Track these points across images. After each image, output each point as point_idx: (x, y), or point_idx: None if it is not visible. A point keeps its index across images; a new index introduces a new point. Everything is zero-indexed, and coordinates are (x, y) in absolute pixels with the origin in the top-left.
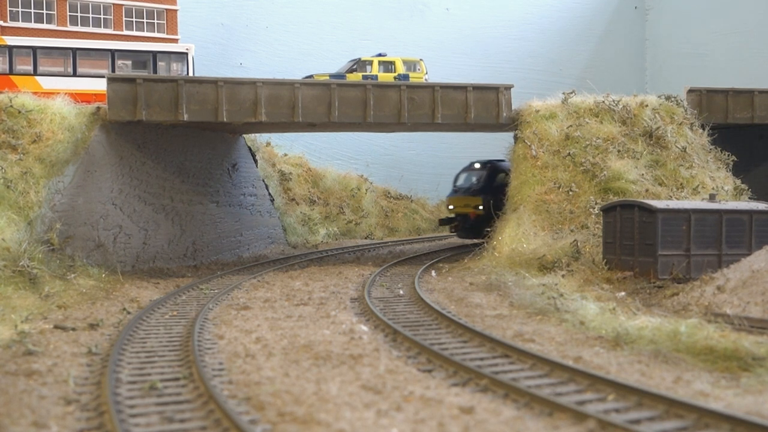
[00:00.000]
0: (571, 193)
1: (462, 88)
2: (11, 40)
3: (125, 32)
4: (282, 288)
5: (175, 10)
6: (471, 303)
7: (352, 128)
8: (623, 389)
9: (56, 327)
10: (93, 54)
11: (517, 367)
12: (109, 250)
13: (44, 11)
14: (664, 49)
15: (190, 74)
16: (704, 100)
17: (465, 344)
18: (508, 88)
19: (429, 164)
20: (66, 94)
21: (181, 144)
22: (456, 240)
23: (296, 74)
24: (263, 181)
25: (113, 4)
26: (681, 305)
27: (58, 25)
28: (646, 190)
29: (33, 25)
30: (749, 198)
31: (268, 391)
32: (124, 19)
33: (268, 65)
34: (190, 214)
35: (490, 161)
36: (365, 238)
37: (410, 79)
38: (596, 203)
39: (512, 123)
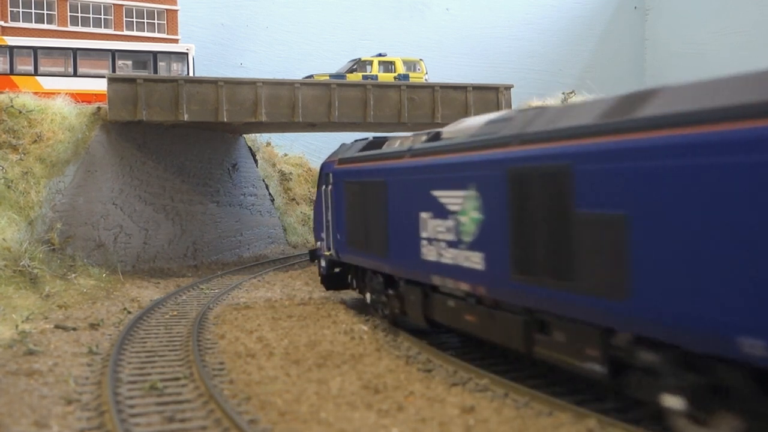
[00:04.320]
0: None
1: (462, 88)
2: (12, 41)
3: (126, 32)
4: (283, 287)
5: (176, 11)
6: None
7: (352, 128)
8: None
9: (57, 327)
10: (93, 54)
11: (517, 366)
12: (109, 250)
13: (45, 11)
14: (664, 49)
15: (191, 74)
16: None
17: (465, 344)
18: (508, 88)
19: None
20: (66, 94)
21: (181, 144)
22: None
23: (296, 74)
24: (263, 181)
25: (113, 4)
26: None
27: (58, 26)
28: None
29: (34, 25)
30: None
31: (269, 390)
32: (124, 19)
33: (268, 65)
34: (191, 213)
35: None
36: None
37: (410, 79)
38: None
39: None
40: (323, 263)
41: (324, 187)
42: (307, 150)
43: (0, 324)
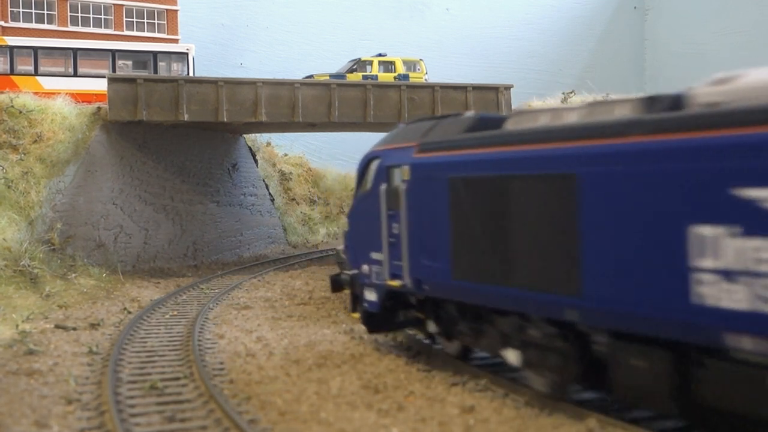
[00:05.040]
0: None
1: (462, 88)
2: (12, 41)
3: (126, 32)
4: (282, 287)
5: (176, 11)
6: None
7: (352, 128)
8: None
9: (57, 326)
10: (94, 54)
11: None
12: (109, 250)
13: (45, 12)
14: (664, 49)
15: (191, 74)
16: None
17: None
18: (508, 88)
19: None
20: (67, 94)
21: (181, 144)
22: None
23: (296, 74)
24: (263, 181)
25: (114, 4)
26: None
27: (58, 26)
28: None
29: (34, 25)
30: None
31: (269, 390)
32: (124, 19)
33: (268, 65)
34: (191, 213)
35: None
36: None
37: (410, 79)
38: None
39: None
40: (371, 296)
41: (383, 186)
42: (307, 150)
43: (0, 324)
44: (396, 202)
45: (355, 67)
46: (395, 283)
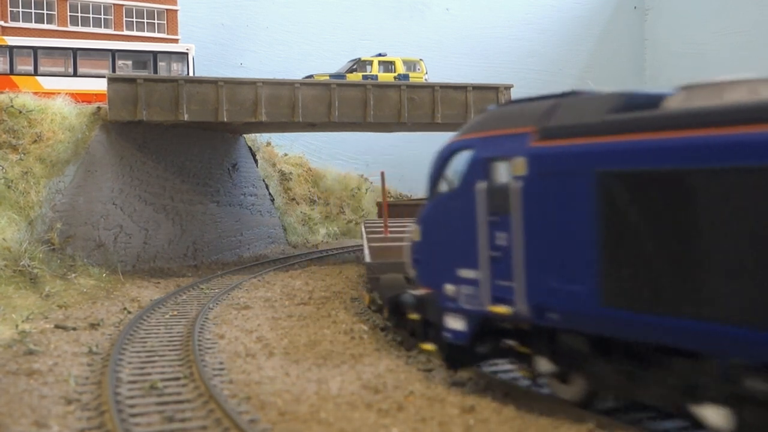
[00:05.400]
0: None
1: (462, 88)
2: (12, 41)
3: (126, 32)
4: (282, 287)
5: (176, 11)
6: None
7: (352, 128)
8: None
9: (57, 326)
10: (93, 54)
11: (517, 366)
12: (109, 250)
13: (45, 11)
14: (664, 49)
15: (191, 74)
16: None
17: None
18: (508, 87)
19: (429, 164)
20: (66, 94)
21: (181, 144)
22: None
23: (296, 74)
24: (263, 180)
25: (113, 4)
26: None
27: (58, 26)
28: None
29: (34, 25)
30: None
31: (268, 390)
32: (124, 19)
33: (269, 65)
34: (191, 213)
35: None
36: None
37: (410, 79)
38: None
39: None
40: (457, 324)
41: (481, 184)
42: (307, 150)
43: (0, 324)
44: (503, 205)
45: (355, 67)
46: (502, 309)
